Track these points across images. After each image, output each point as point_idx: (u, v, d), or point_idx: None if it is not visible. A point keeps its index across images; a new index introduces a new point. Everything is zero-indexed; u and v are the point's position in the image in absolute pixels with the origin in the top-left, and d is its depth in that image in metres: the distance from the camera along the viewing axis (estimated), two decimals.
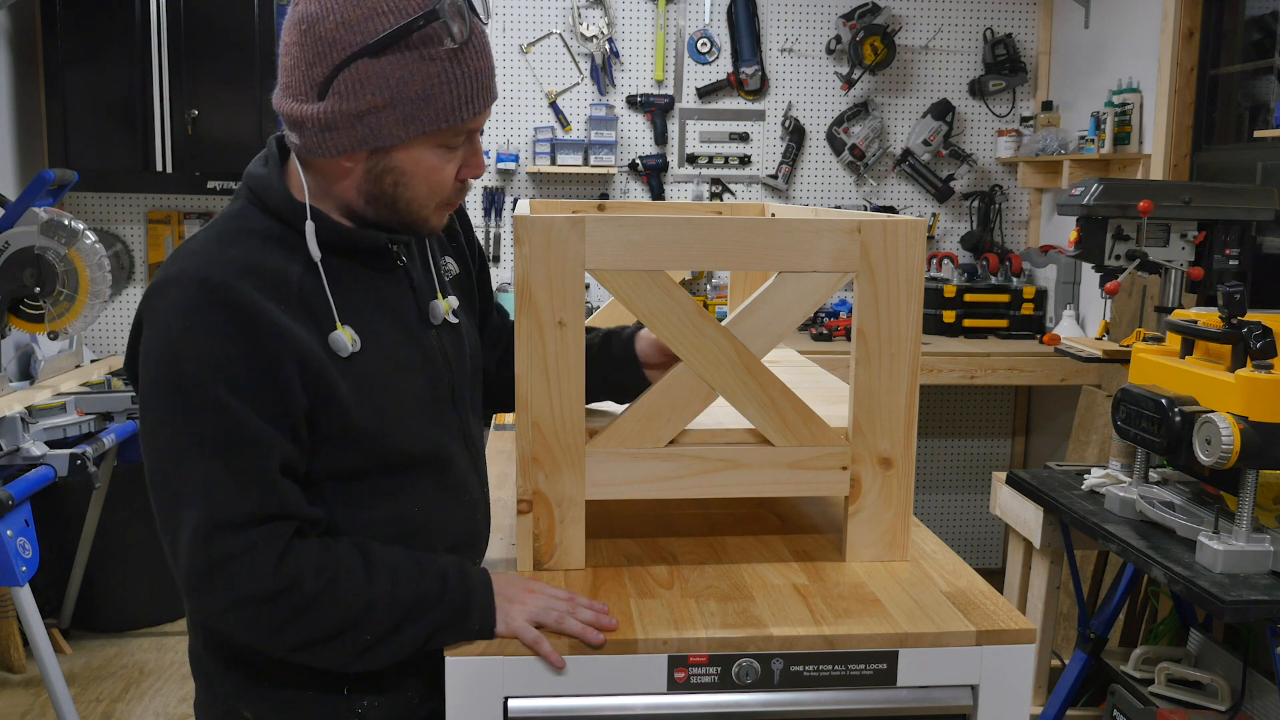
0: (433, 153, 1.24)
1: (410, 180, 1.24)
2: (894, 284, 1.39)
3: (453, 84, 1.20)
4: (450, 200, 1.29)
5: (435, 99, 1.20)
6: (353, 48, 1.17)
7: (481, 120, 1.25)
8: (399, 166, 1.23)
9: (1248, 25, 3.46)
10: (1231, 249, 2.64)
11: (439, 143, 1.23)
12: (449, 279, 1.44)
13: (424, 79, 1.19)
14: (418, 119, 1.20)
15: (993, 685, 1.28)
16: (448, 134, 1.22)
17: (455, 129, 1.22)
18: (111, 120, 3.82)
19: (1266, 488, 1.99)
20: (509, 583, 1.29)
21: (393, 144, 1.21)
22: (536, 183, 4.33)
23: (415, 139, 1.21)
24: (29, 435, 2.85)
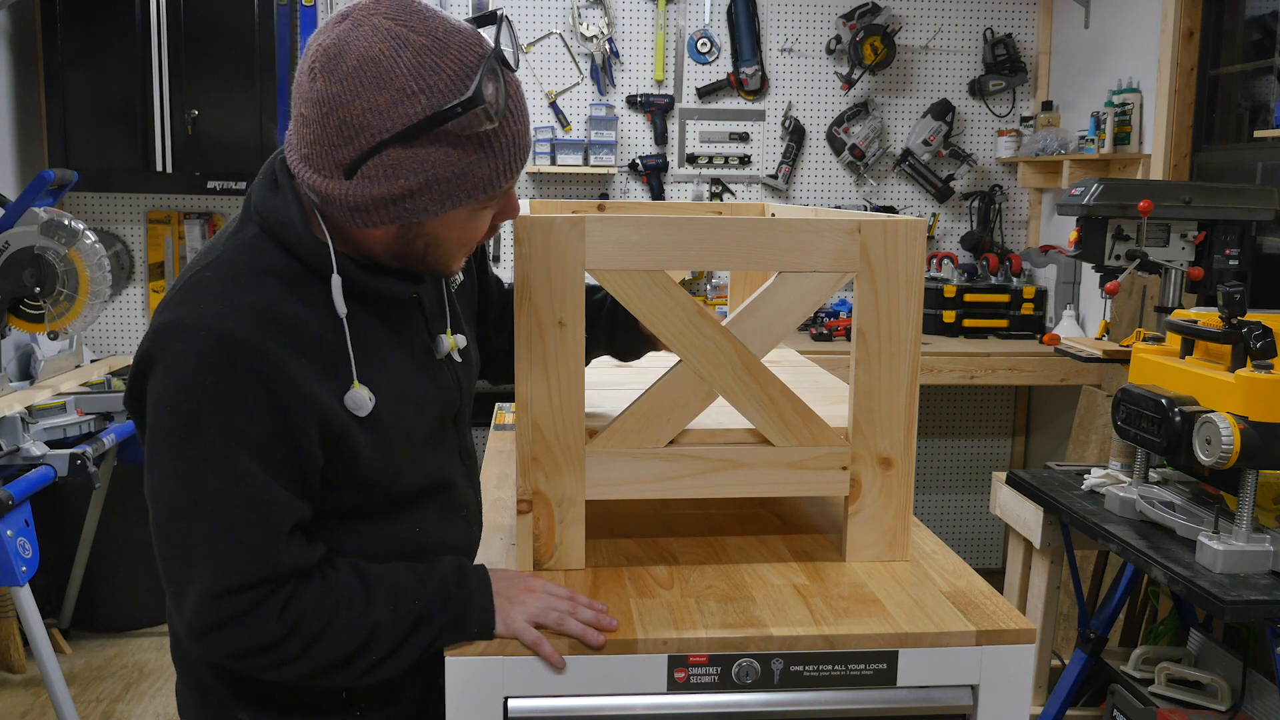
0: (469, 217, 1.19)
1: (444, 244, 1.21)
2: (894, 284, 1.39)
3: (490, 158, 1.13)
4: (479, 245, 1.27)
5: (473, 175, 1.13)
6: (382, 134, 1.09)
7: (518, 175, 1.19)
8: (433, 233, 1.19)
9: (1248, 25, 3.46)
10: (1231, 249, 2.64)
11: (477, 207, 1.18)
12: (455, 291, 1.42)
13: (460, 158, 1.12)
14: (454, 196, 1.14)
15: (993, 685, 1.28)
16: (484, 201, 1.17)
17: (493, 196, 1.17)
18: (111, 120, 3.82)
19: (1266, 488, 1.99)
20: (509, 582, 1.29)
21: (427, 219, 1.16)
22: (536, 183, 4.33)
23: (450, 211, 1.16)
24: (29, 435, 2.85)
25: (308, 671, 1.20)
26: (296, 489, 1.17)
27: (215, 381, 1.11)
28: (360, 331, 1.22)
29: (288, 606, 1.16)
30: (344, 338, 1.20)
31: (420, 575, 1.24)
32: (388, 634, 1.20)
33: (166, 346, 1.13)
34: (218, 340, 1.11)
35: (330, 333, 1.19)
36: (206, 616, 1.14)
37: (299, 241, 1.18)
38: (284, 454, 1.15)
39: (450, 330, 1.36)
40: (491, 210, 1.21)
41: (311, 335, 1.17)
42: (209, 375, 1.11)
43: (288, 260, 1.19)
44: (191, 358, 1.11)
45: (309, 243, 1.19)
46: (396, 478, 1.27)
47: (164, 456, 1.14)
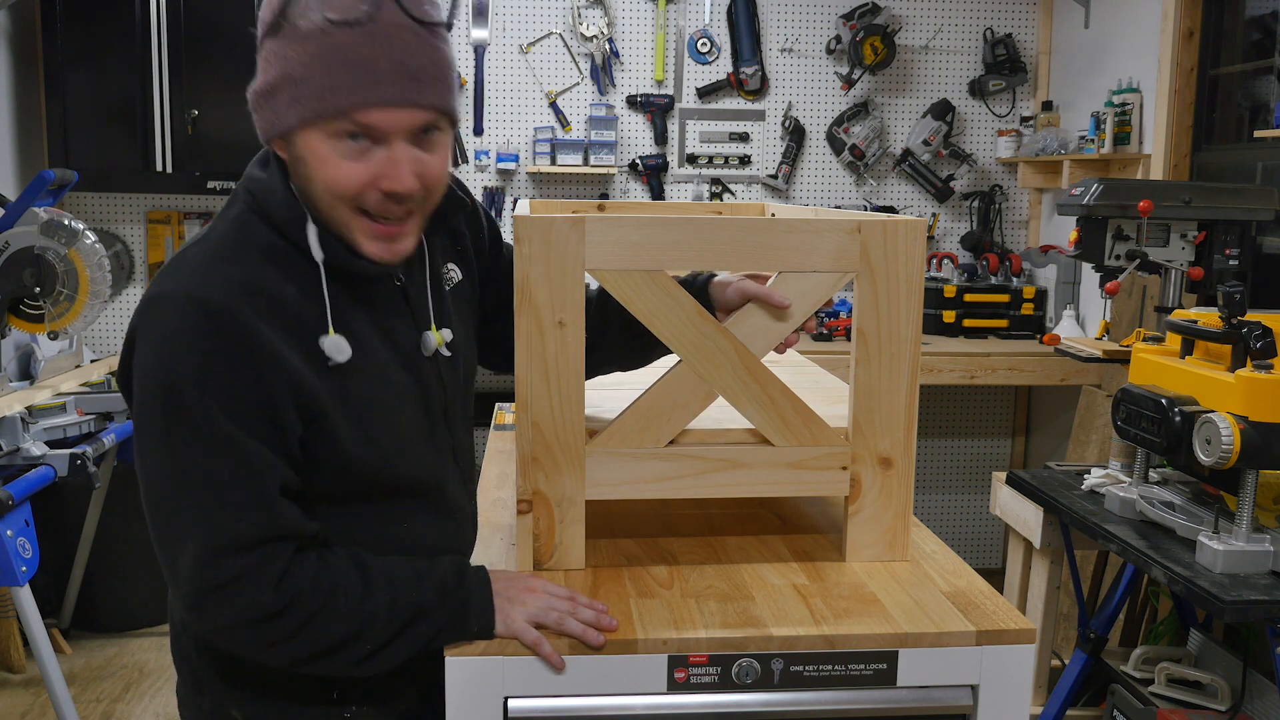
0: (325, 143, 1.15)
1: (311, 173, 1.17)
2: (894, 284, 1.39)
3: (327, 66, 1.12)
4: (368, 210, 1.19)
5: (314, 81, 1.13)
6: (264, 26, 1.16)
7: (379, 120, 1.14)
8: (302, 155, 1.18)
9: (1248, 25, 3.46)
10: (1231, 249, 2.64)
11: (328, 133, 1.15)
12: (449, 288, 1.41)
13: (309, 60, 1.13)
14: (299, 101, 1.14)
15: (993, 685, 1.28)
16: (331, 124, 1.14)
17: (337, 119, 1.14)
18: (111, 120, 3.82)
19: (1266, 488, 1.99)
20: (509, 582, 1.29)
21: (287, 128, 1.16)
22: (536, 183, 4.33)
23: (303, 124, 1.15)
24: (29, 435, 2.85)
25: (300, 654, 1.19)
26: (280, 452, 1.17)
27: (193, 348, 1.13)
28: (338, 311, 1.22)
29: (284, 579, 1.15)
30: (324, 314, 1.20)
31: (419, 571, 1.24)
32: (383, 625, 1.20)
33: (149, 318, 1.16)
34: (196, 307, 1.13)
35: (310, 309, 1.20)
36: (201, 580, 1.14)
37: (279, 208, 1.21)
38: (263, 418, 1.16)
39: (436, 326, 1.35)
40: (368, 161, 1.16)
41: (290, 308, 1.18)
42: (187, 342, 1.13)
43: (272, 237, 1.21)
44: (172, 326, 1.14)
45: (289, 208, 1.21)
46: (382, 466, 1.27)
47: (148, 425, 1.16)
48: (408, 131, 1.16)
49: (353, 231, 1.21)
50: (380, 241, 1.22)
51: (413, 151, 1.18)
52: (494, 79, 4.26)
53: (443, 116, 1.20)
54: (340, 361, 1.20)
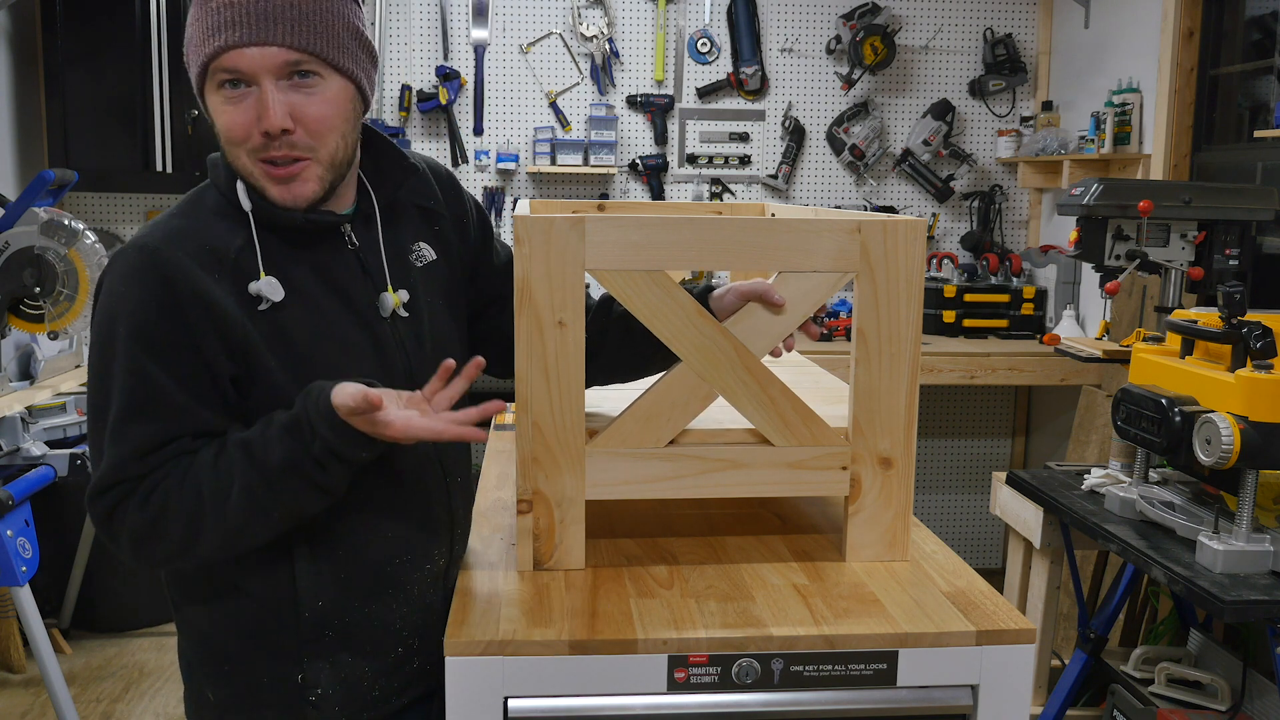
0: (216, 95, 1.25)
1: (216, 128, 1.27)
2: (894, 284, 1.39)
3: (202, 19, 1.22)
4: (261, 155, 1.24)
5: (194, 36, 1.24)
6: None
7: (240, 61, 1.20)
8: (209, 114, 1.28)
9: (1248, 25, 3.46)
10: (1231, 249, 2.64)
11: (214, 85, 1.24)
12: (421, 265, 1.41)
13: (191, 20, 1.25)
14: (191, 59, 1.25)
15: (993, 685, 1.28)
16: (212, 74, 1.23)
17: (211, 67, 1.22)
18: (111, 120, 3.82)
19: (1266, 488, 1.99)
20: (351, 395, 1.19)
21: (196, 90, 1.27)
22: (536, 183, 4.33)
23: (200, 83, 1.26)
24: (29, 435, 2.86)
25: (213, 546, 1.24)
26: (204, 393, 1.23)
27: (130, 287, 1.22)
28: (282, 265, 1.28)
29: (151, 494, 1.22)
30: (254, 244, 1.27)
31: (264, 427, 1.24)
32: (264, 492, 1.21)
33: (108, 270, 1.27)
34: (137, 252, 1.24)
35: (248, 257, 1.27)
36: (93, 513, 1.24)
37: (220, 172, 1.31)
38: (188, 358, 1.22)
39: (393, 289, 1.36)
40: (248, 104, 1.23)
41: (229, 255, 1.26)
42: (124, 283, 1.23)
43: (220, 197, 1.31)
44: (118, 270, 1.24)
45: (226, 170, 1.30)
46: None
47: (90, 360, 1.27)
48: (271, 71, 1.22)
49: (257, 179, 1.27)
50: (279, 184, 1.27)
51: (285, 94, 1.23)
52: (494, 79, 4.26)
53: (314, 59, 1.23)
54: (273, 300, 1.25)
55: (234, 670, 1.32)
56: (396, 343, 1.35)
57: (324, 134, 1.26)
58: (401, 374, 1.35)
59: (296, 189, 1.26)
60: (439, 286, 1.44)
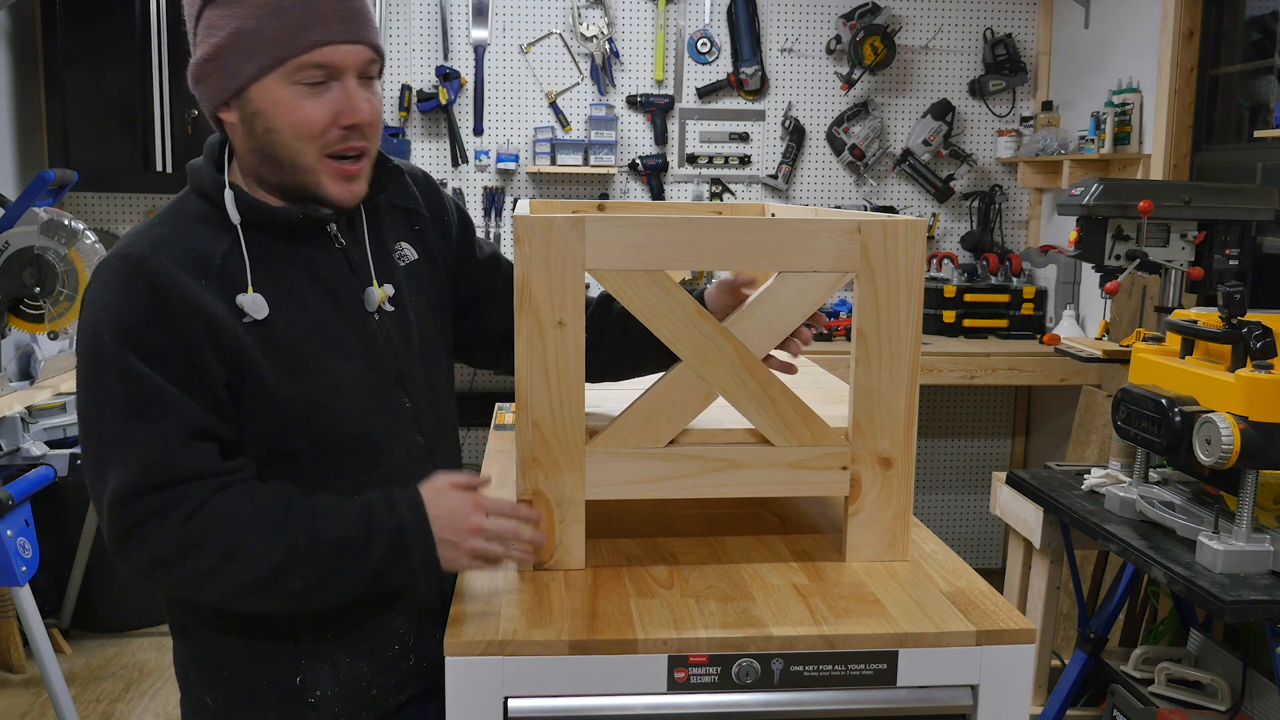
0: (287, 89, 1.23)
1: (274, 122, 1.24)
2: (894, 284, 1.39)
3: (279, 13, 1.21)
4: (334, 151, 1.26)
5: (265, 29, 1.21)
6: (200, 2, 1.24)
7: (334, 56, 1.22)
8: (260, 109, 1.24)
9: (1248, 25, 3.46)
10: (1231, 249, 2.64)
11: (287, 78, 1.22)
12: (403, 265, 1.42)
13: (254, 11, 1.21)
14: (255, 53, 1.22)
15: (993, 685, 1.28)
16: (292, 68, 1.22)
17: (296, 60, 1.21)
18: (111, 120, 3.82)
19: (1266, 488, 1.99)
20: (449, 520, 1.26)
21: (243, 83, 1.23)
22: (536, 183, 4.33)
23: (260, 75, 1.22)
24: (29, 435, 2.86)
25: (224, 591, 1.22)
26: (198, 396, 1.22)
27: (115, 296, 1.21)
28: (270, 265, 1.28)
29: (193, 517, 1.19)
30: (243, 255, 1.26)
31: (344, 503, 1.25)
32: (306, 558, 1.21)
33: (92, 281, 1.26)
34: (121, 261, 1.23)
35: (234, 263, 1.26)
36: (115, 525, 1.19)
37: (205, 179, 1.30)
38: (178, 361, 1.21)
39: (378, 283, 1.37)
40: (328, 101, 1.24)
41: (214, 261, 1.25)
42: (110, 292, 1.22)
43: (203, 204, 1.30)
44: (101, 281, 1.23)
45: (212, 179, 1.29)
46: (319, 413, 1.28)
47: (79, 373, 1.23)
48: (358, 67, 1.25)
49: (318, 175, 1.27)
50: (342, 182, 1.28)
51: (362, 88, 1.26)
52: (494, 79, 4.26)
53: (380, 58, 1.29)
54: (257, 318, 1.25)
55: (231, 674, 1.32)
56: (385, 340, 1.36)
57: (378, 131, 1.31)
58: (391, 371, 1.36)
59: (356, 187, 1.30)
60: (421, 285, 1.45)
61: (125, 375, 1.19)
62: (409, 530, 1.24)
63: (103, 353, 1.20)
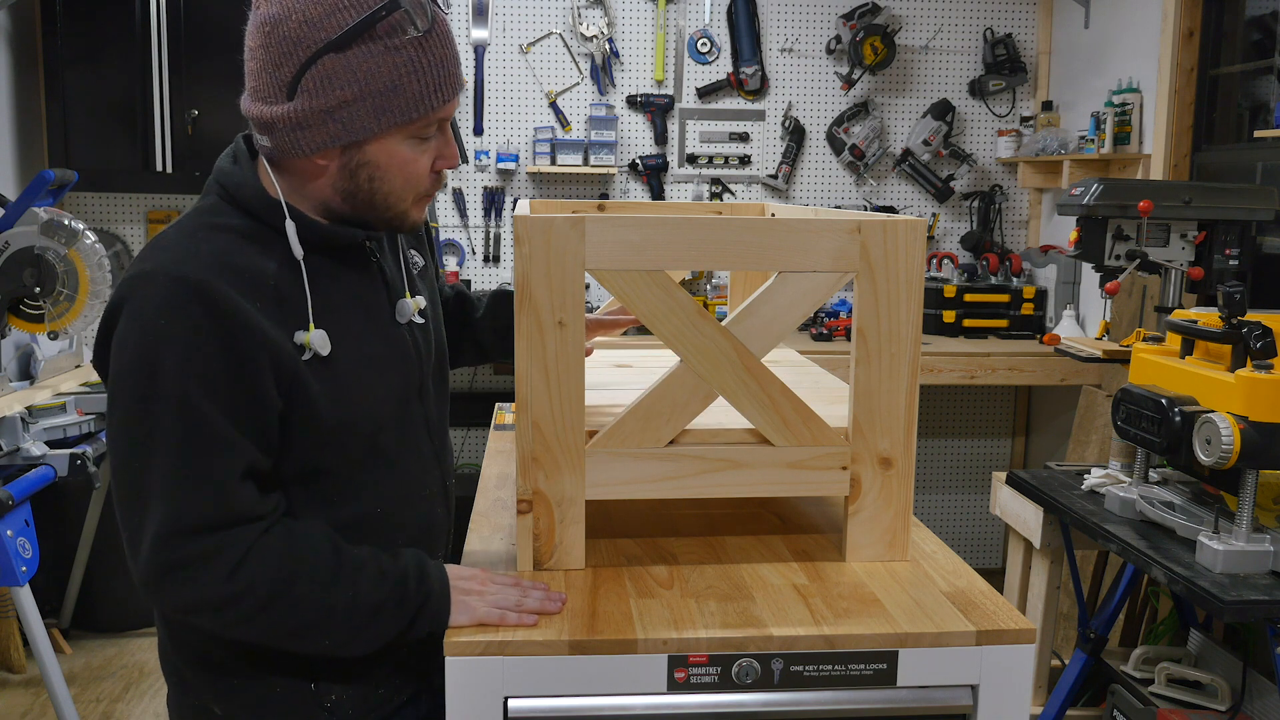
0: (405, 144, 1.24)
1: (385, 174, 1.25)
2: (894, 284, 1.39)
3: (419, 73, 1.20)
4: (427, 192, 1.31)
5: (404, 89, 1.20)
6: (318, 44, 1.18)
7: (451, 109, 1.26)
8: (373, 160, 1.24)
9: (1248, 25, 3.46)
10: (1231, 249, 2.64)
11: (411, 134, 1.24)
12: (416, 272, 1.45)
13: (391, 69, 1.19)
14: (388, 110, 1.20)
15: (993, 685, 1.28)
16: (419, 125, 1.24)
17: (426, 119, 1.23)
18: (111, 120, 3.82)
19: (1266, 488, 1.99)
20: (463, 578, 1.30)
21: (365, 138, 1.22)
22: (536, 183, 4.33)
23: (387, 131, 1.22)
24: (29, 435, 2.85)
25: (258, 637, 1.22)
26: (252, 435, 1.19)
27: (171, 322, 1.15)
28: (320, 284, 1.26)
29: (240, 567, 1.17)
30: (301, 285, 1.24)
31: (383, 568, 1.25)
32: (342, 621, 1.22)
33: (127, 296, 1.18)
34: (174, 283, 1.16)
35: (286, 281, 1.23)
36: (158, 560, 1.15)
37: (253, 198, 1.25)
38: (240, 395, 1.17)
39: (410, 294, 1.39)
40: (430, 148, 1.27)
41: (268, 282, 1.21)
42: (165, 316, 1.15)
43: (245, 219, 1.25)
44: (150, 301, 1.16)
45: (263, 199, 1.25)
46: (355, 432, 1.28)
47: (121, 398, 1.17)
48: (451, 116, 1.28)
49: (405, 205, 1.29)
50: (420, 205, 1.32)
51: None
52: (494, 79, 4.26)
53: None
54: (322, 354, 1.24)
55: (243, 684, 1.30)
56: (413, 349, 1.38)
57: None
58: (417, 383, 1.38)
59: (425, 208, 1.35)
60: (428, 290, 1.48)
61: (184, 411, 1.14)
62: (431, 601, 1.26)
63: (159, 383, 1.14)
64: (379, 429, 1.31)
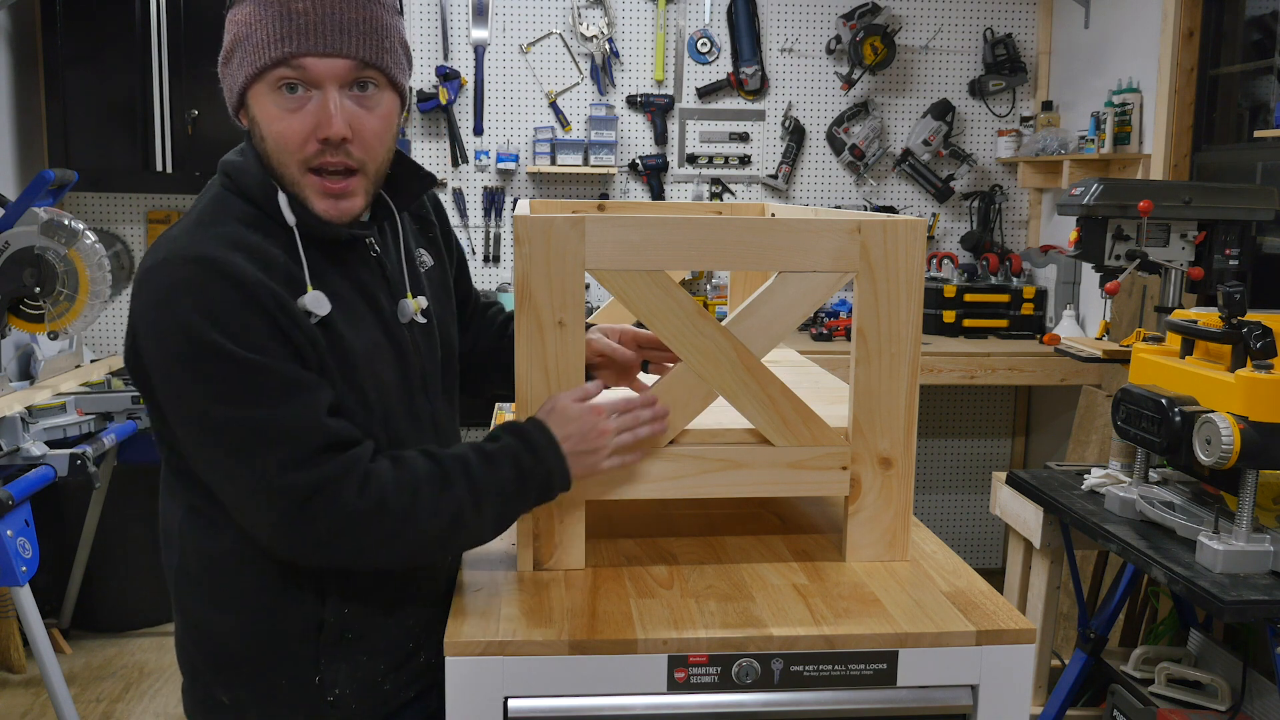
0: (271, 100, 1.24)
1: (264, 130, 1.25)
2: (894, 284, 1.39)
3: (268, 22, 1.21)
4: (311, 164, 1.25)
5: (253, 37, 1.22)
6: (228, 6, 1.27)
7: (317, 68, 1.22)
8: (255, 116, 1.26)
9: (1248, 25, 3.46)
10: (1231, 249, 2.64)
11: (271, 88, 1.23)
12: (423, 271, 1.45)
13: (250, 20, 1.23)
14: (246, 60, 1.23)
15: (993, 685, 1.28)
16: (272, 79, 1.22)
17: (279, 70, 1.22)
18: (111, 120, 3.82)
19: (1266, 488, 1.99)
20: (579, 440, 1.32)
21: (241, 87, 1.25)
22: (536, 183, 4.33)
23: (253, 84, 1.24)
24: (29, 435, 2.85)
25: (401, 554, 1.25)
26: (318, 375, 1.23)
27: (201, 298, 1.17)
28: (319, 274, 1.27)
29: (366, 484, 1.19)
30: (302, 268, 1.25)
31: (487, 453, 1.28)
32: (471, 512, 1.24)
33: (149, 287, 1.20)
34: (193, 263, 1.19)
35: (292, 264, 1.25)
36: (287, 501, 1.17)
37: (252, 182, 1.27)
38: (287, 347, 1.21)
39: (411, 294, 1.39)
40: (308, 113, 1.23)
41: (277, 261, 1.24)
42: (193, 294, 1.17)
43: (249, 208, 1.27)
44: (169, 284, 1.19)
45: (261, 181, 1.27)
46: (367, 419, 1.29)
47: (181, 380, 1.19)
48: (338, 79, 1.23)
49: (304, 190, 1.27)
50: (328, 199, 1.27)
51: (347, 103, 1.24)
52: (494, 79, 4.26)
53: (376, 71, 1.26)
54: (320, 315, 1.24)
55: (250, 673, 1.31)
56: (414, 348, 1.38)
57: (376, 148, 1.28)
58: (417, 380, 1.38)
59: (344, 205, 1.28)
60: (435, 291, 1.47)
61: (249, 370, 1.17)
62: (554, 475, 1.30)
63: (209, 349, 1.16)
64: (389, 414, 1.32)
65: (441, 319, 1.46)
